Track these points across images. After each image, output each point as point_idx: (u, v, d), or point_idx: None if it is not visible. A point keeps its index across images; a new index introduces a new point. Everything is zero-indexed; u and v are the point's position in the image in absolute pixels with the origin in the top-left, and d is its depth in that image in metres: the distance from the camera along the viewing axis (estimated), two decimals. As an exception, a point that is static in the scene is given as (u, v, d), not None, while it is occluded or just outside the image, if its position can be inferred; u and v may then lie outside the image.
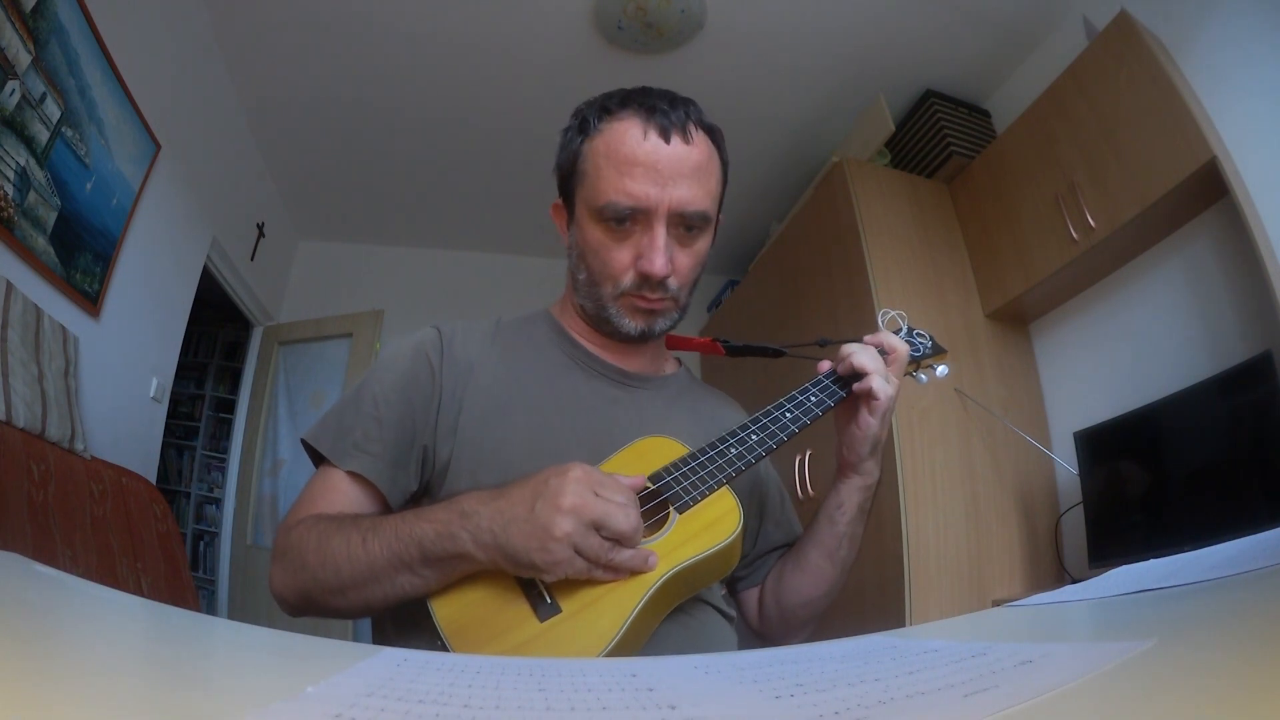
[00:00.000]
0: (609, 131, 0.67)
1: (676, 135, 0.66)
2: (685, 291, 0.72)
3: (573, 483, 0.52)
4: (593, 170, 0.68)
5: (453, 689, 0.26)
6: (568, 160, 0.71)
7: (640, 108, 0.67)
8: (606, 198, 0.66)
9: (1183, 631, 0.33)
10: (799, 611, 0.76)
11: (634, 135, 0.66)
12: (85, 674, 0.23)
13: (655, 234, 0.66)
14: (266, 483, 3.09)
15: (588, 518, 0.51)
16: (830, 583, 0.75)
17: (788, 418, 0.67)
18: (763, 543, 0.82)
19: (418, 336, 0.74)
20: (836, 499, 0.73)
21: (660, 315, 0.72)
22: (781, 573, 0.78)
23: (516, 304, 0.89)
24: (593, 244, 0.69)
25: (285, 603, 0.62)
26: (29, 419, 1.45)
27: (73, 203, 1.74)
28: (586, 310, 0.75)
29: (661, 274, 0.66)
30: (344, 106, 2.66)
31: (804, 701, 0.24)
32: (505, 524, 0.52)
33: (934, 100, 2.41)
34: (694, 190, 0.66)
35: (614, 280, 0.69)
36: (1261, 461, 1.37)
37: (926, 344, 0.83)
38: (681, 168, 0.65)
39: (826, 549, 0.74)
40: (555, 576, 0.52)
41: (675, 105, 0.68)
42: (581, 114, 0.71)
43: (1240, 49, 1.57)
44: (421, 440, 0.67)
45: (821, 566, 0.74)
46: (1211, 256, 1.68)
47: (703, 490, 0.61)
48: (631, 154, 0.65)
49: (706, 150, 0.68)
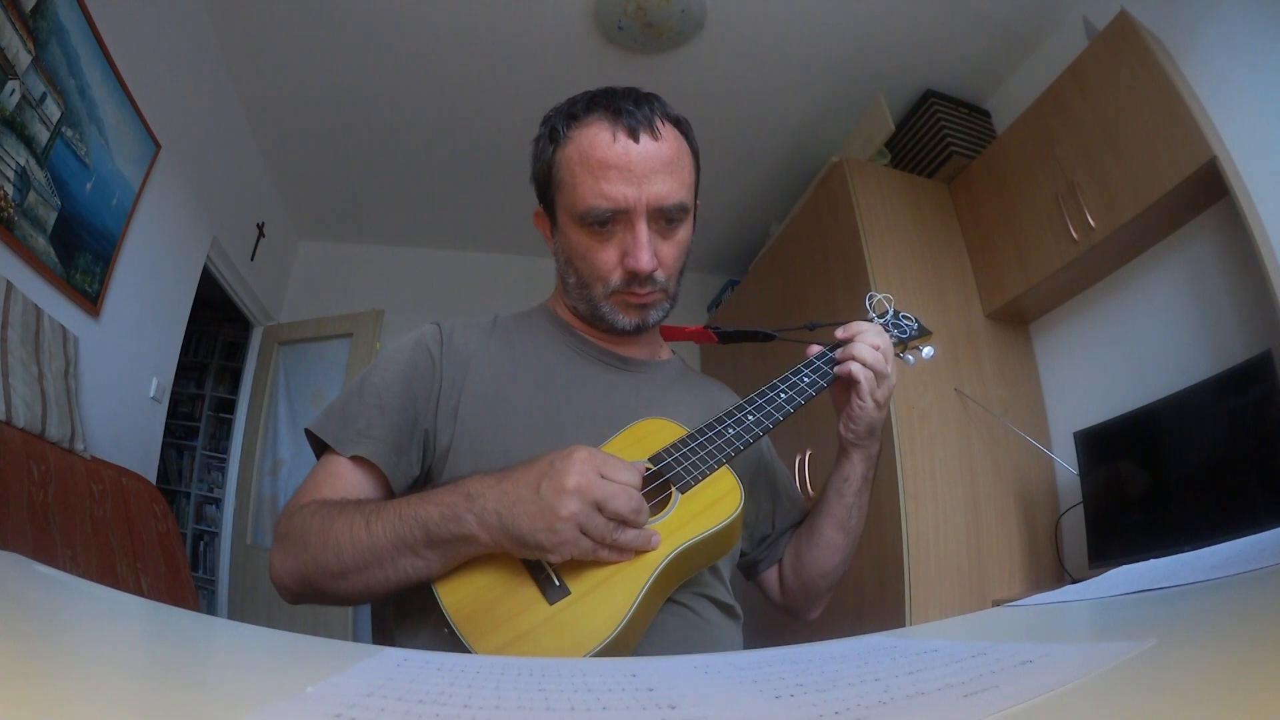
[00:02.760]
0: (579, 138, 0.69)
1: (645, 133, 0.67)
2: (673, 281, 0.74)
3: (577, 464, 0.53)
4: (569, 178, 0.69)
5: (453, 689, 0.26)
6: (543, 170, 0.73)
7: (606, 110, 0.68)
8: (586, 203, 0.67)
9: (1183, 631, 0.33)
10: (819, 581, 0.80)
11: (604, 139, 0.67)
12: (85, 674, 0.23)
13: (638, 232, 0.68)
14: (266, 483, 3.09)
15: (592, 498, 0.52)
16: (844, 551, 0.79)
17: (782, 398, 0.69)
18: (780, 523, 0.85)
19: (418, 331, 0.76)
20: (841, 473, 0.76)
21: (652, 308, 0.74)
22: (798, 548, 0.82)
23: (516, 304, 0.90)
24: (578, 248, 0.71)
25: (285, 588, 0.62)
26: (29, 419, 1.45)
27: (73, 203, 1.74)
28: (580, 311, 0.77)
29: (648, 269, 0.68)
30: (344, 106, 2.66)
31: (804, 701, 0.24)
32: (511, 505, 0.53)
33: (934, 100, 2.41)
34: (669, 184, 0.68)
35: (603, 280, 0.71)
36: (1261, 461, 1.37)
37: (913, 326, 0.85)
38: (654, 164, 0.67)
39: (837, 520, 0.77)
40: (561, 557, 0.52)
41: (640, 103, 0.69)
42: (550, 123, 0.73)
43: (1240, 49, 1.57)
44: (423, 425, 0.68)
45: (834, 538, 0.78)
46: (1211, 256, 1.68)
47: (703, 470, 0.61)
48: (604, 157, 0.66)
49: (675, 143, 0.70)
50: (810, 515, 0.82)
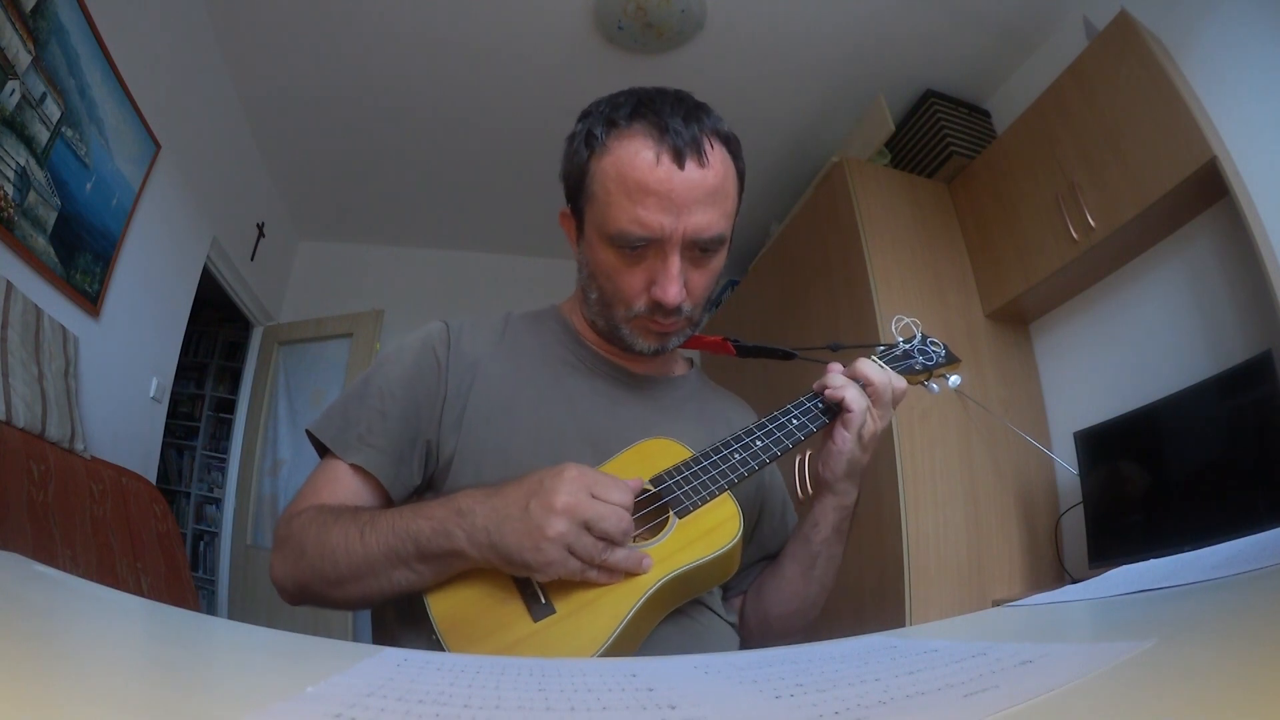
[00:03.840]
0: (618, 150, 0.63)
1: (691, 159, 0.61)
2: (699, 310, 0.71)
3: (567, 483, 0.52)
4: (602, 193, 0.64)
5: (453, 689, 0.26)
6: (575, 174, 0.68)
7: (652, 125, 0.62)
8: (618, 226, 0.63)
9: (1183, 631, 0.33)
10: (775, 625, 0.74)
11: (645, 159, 0.61)
12: (85, 674, 0.23)
13: (670, 263, 0.63)
14: (266, 483, 3.09)
15: (581, 518, 0.51)
16: (805, 599, 0.73)
17: (794, 424, 0.66)
18: (754, 550, 0.79)
19: (425, 330, 0.73)
20: (812, 518, 0.71)
21: (674, 335, 0.71)
22: (761, 583, 0.77)
23: (516, 304, 0.89)
24: (604, 267, 0.67)
25: (285, 591, 0.63)
26: (29, 419, 1.45)
27: (73, 203, 1.74)
28: (598, 327, 0.74)
29: (675, 303, 0.65)
30: (344, 106, 2.66)
31: (804, 701, 0.24)
32: (499, 523, 0.52)
33: (934, 100, 2.41)
34: (710, 215, 0.63)
35: (626, 304, 0.68)
36: (1261, 461, 1.37)
37: (940, 353, 0.81)
38: (697, 194, 0.62)
39: (801, 565, 0.72)
40: (548, 576, 0.52)
41: (689, 120, 0.63)
42: (588, 124, 0.67)
43: (1240, 49, 1.57)
44: (425, 435, 0.67)
45: (795, 582, 0.72)
46: (1211, 256, 1.68)
47: (703, 496, 0.60)
48: (643, 181, 0.61)
49: (722, 169, 0.64)
50: (778, 554, 0.77)
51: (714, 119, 0.67)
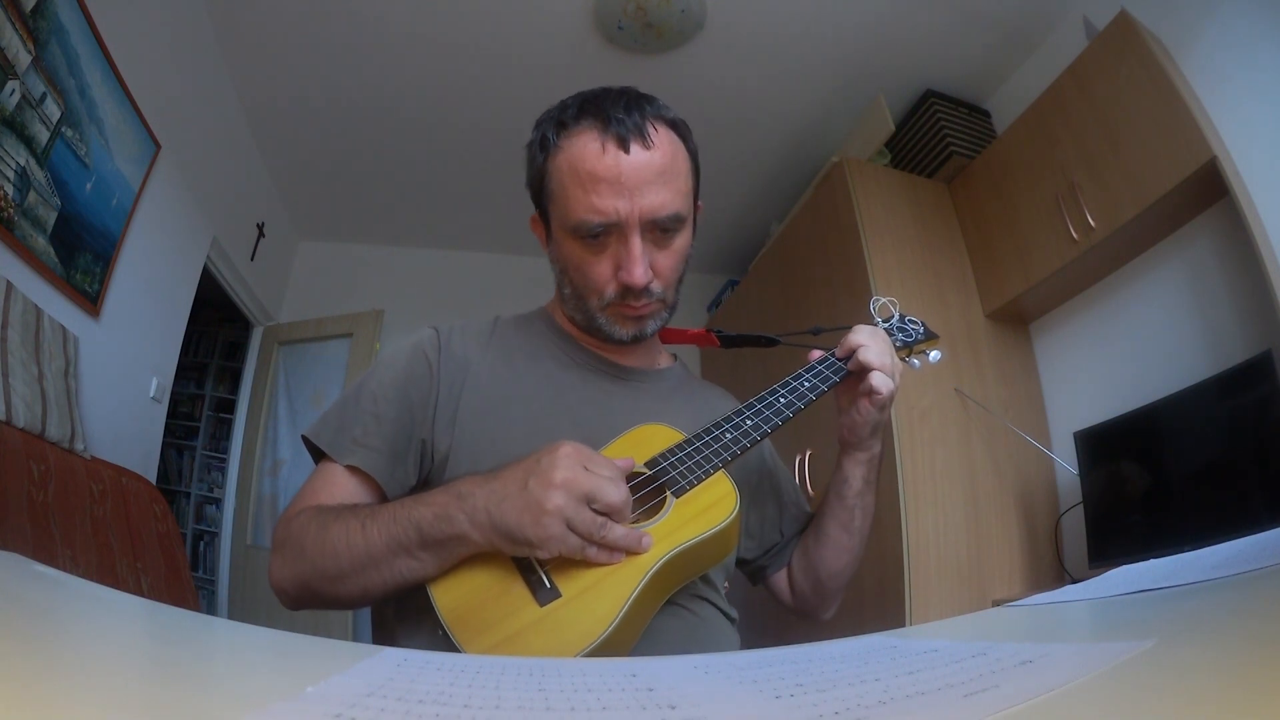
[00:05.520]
0: (568, 148, 0.66)
1: (636, 142, 0.64)
2: (671, 290, 0.73)
3: (563, 458, 0.53)
4: (559, 189, 0.68)
5: (453, 689, 0.26)
6: (535, 178, 0.72)
7: (596, 118, 0.66)
8: (577, 216, 0.66)
9: (1183, 631, 0.33)
10: (829, 583, 0.80)
11: (593, 149, 0.65)
12: (85, 674, 0.23)
13: (631, 245, 0.66)
14: (266, 483, 3.09)
15: (579, 491, 0.52)
16: (852, 552, 0.79)
17: (781, 402, 0.68)
18: (787, 530, 0.85)
19: (416, 337, 0.75)
20: (841, 474, 0.76)
21: (649, 319, 0.73)
22: (805, 550, 0.82)
23: (516, 304, 0.90)
24: (572, 260, 0.70)
25: (285, 594, 0.63)
26: (29, 419, 1.45)
27: (73, 203, 1.74)
28: (577, 321, 0.76)
29: (641, 283, 0.67)
30: (344, 106, 2.66)
31: (804, 701, 0.24)
32: (499, 501, 0.53)
33: (934, 100, 2.41)
34: (662, 194, 0.65)
35: (598, 293, 0.70)
36: (1261, 461, 1.37)
37: (919, 330, 0.84)
38: (645, 174, 0.64)
39: (840, 521, 0.77)
40: (550, 553, 0.52)
41: (631, 108, 0.66)
42: (541, 129, 0.71)
43: (1240, 49, 1.57)
44: (420, 434, 0.68)
45: (840, 538, 0.78)
46: (1211, 256, 1.68)
47: (699, 475, 0.61)
48: (593, 170, 0.64)
49: (670, 149, 0.67)
50: (815, 517, 0.82)
51: (658, 106, 0.70)
